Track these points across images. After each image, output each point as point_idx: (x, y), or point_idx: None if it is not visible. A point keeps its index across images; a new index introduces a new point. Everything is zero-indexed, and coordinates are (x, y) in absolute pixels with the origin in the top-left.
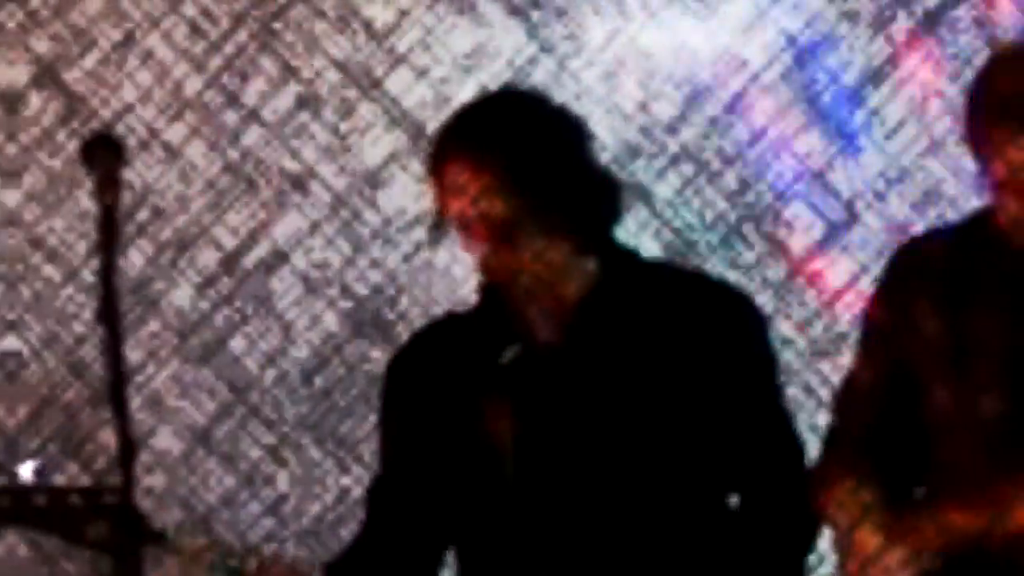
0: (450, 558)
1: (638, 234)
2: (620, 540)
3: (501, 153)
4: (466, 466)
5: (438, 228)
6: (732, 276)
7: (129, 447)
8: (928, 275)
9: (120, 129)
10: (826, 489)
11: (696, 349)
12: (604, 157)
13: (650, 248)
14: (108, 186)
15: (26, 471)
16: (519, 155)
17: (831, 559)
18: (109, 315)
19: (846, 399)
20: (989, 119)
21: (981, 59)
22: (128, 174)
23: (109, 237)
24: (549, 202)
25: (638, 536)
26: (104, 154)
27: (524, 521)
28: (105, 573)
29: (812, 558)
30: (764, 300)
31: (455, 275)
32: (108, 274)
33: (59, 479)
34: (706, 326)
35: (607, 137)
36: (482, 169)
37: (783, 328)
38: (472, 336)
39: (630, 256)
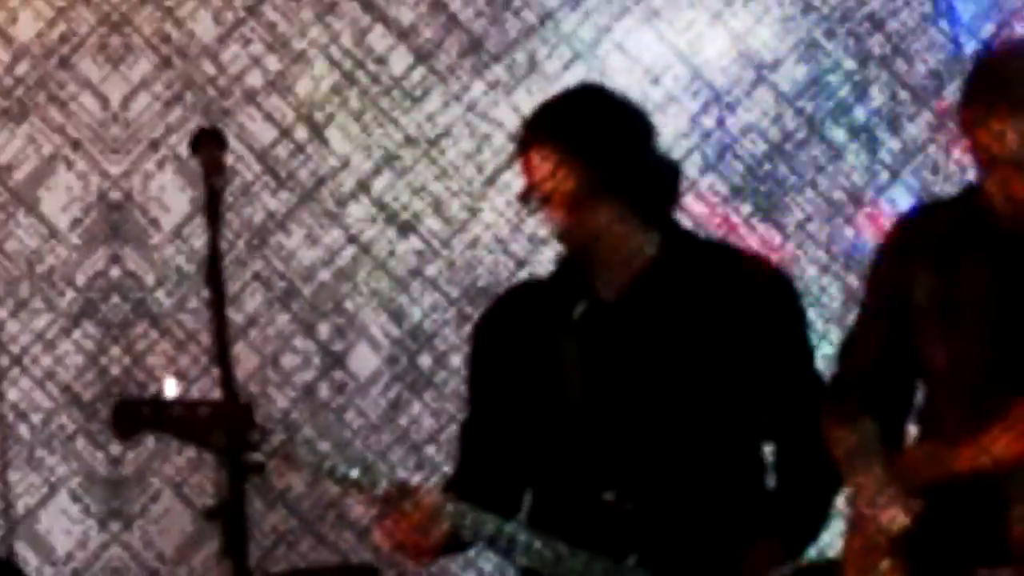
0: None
1: None
2: (665, 467)
3: (572, 138)
4: (541, 400)
5: (526, 200)
6: None
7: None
8: (923, 243)
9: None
10: (830, 431)
11: (738, 315)
12: None
13: None
14: (213, 169)
15: (170, 387)
16: (588, 139)
17: None
18: (215, 277)
19: (849, 350)
20: (967, 101)
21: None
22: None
23: (215, 212)
24: (613, 180)
25: (680, 465)
26: (210, 142)
27: (588, 444)
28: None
29: None
30: None
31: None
32: (215, 242)
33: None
34: (747, 295)
35: None
36: (556, 151)
37: None
38: (549, 295)
39: (688, 235)
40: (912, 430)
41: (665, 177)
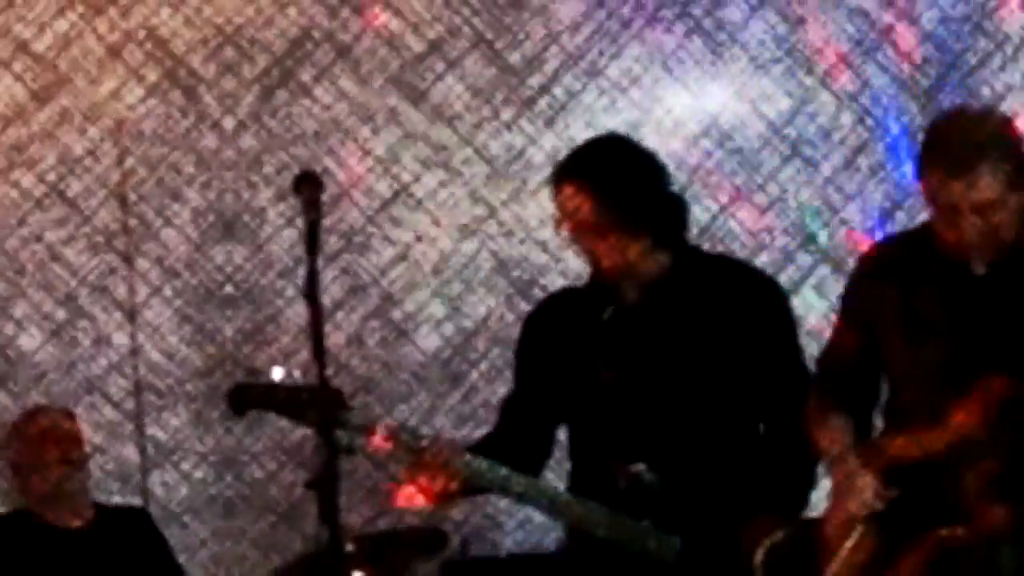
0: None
1: None
2: (678, 445)
3: (596, 179)
4: (576, 385)
5: (559, 227)
6: None
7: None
8: (889, 269)
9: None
10: (813, 423)
11: (737, 316)
12: None
13: None
14: (312, 206)
15: (276, 373)
16: (607, 181)
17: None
18: (313, 292)
19: (827, 357)
20: (925, 163)
21: None
22: None
23: (313, 241)
24: (628, 213)
25: (691, 443)
26: (309, 184)
27: (614, 425)
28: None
29: None
30: None
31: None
32: (313, 265)
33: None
34: (745, 300)
35: None
36: (581, 191)
37: None
38: (583, 301)
39: (694, 250)
40: (878, 423)
41: (676, 211)
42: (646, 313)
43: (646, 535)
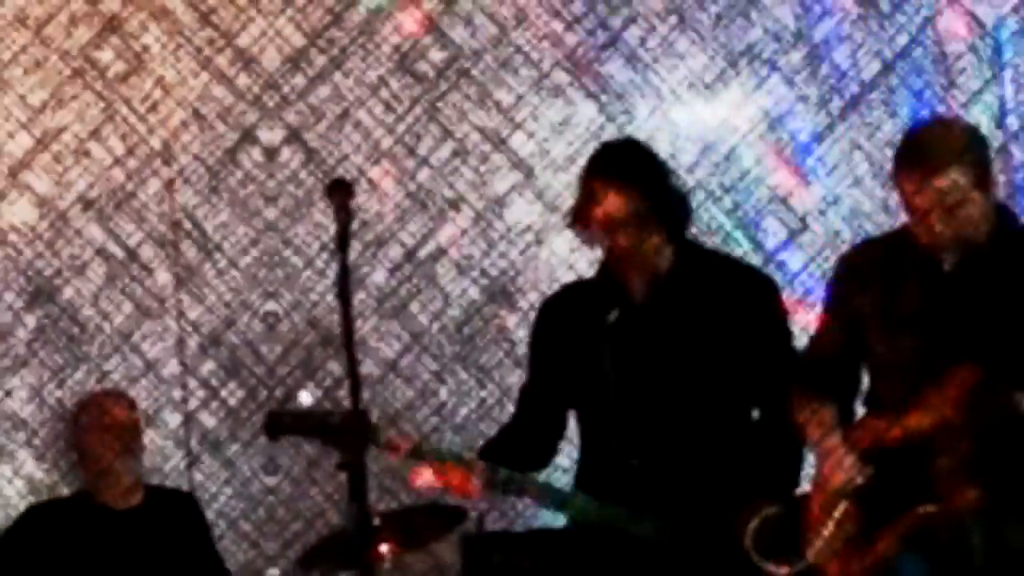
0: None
1: None
2: (682, 432)
3: (634, 177)
4: (585, 381)
5: (582, 225)
6: None
7: (357, 380)
8: (869, 267)
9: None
10: (799, 410)
11: (735, 309)
12: None
13: None
14: (342, 210)
15: (304, 397)
16: (644, 178)
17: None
18: (344, 290)
19: (812, 349)
20: (898, 165)
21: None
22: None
23: (344, 242)
24: (649, 209)
25: (693, 429)
26: (340, 190)
27: (620, 419)
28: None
29: None
30: None
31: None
32: (344, 264)
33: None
34: (742, 295)
35: None
36: (614, 187)
37: None
38: (592, 297)
39: (693, 245)
40: (859, 410)
41: (682, 206)
42: (651, 313)
43: (628, 520)
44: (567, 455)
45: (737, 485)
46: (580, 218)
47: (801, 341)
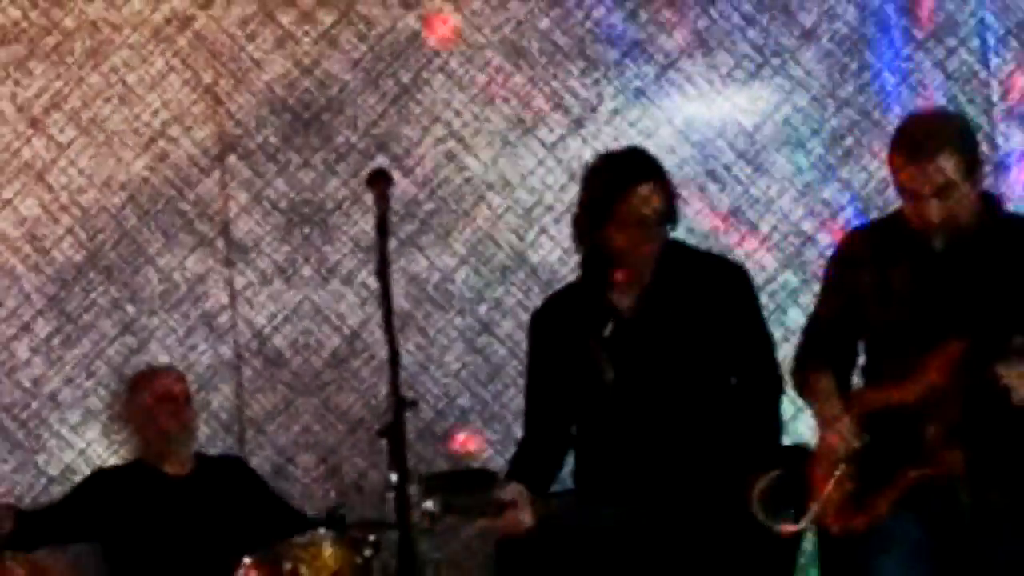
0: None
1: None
2: (673, 422)
3: (663, 178)
4: (583, 382)
5: (589, 224)
6: None
7: (397, 359)
8: (865, 249)
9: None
10: (802, 381)
11: (714, 297)
12: None
13: None
14: (382, 200)
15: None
16: (665, 180)
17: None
18: (384, 276)
19: (813, 326)
20: (892, 151)
21: None
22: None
23: (383, 226)
24: (671, 214)
25: (684, 418)
26: (379, 179)
27: (617, 417)
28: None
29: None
30: None
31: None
32: (383, 247)
33: None
34: (719, 283)
35: None
36: (658, 188)
37: None
38: (581, 302)
39: (676, 242)
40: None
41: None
42: (641, 327)
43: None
44: None
45: (726, 461)
46: (599, 219)
47: None
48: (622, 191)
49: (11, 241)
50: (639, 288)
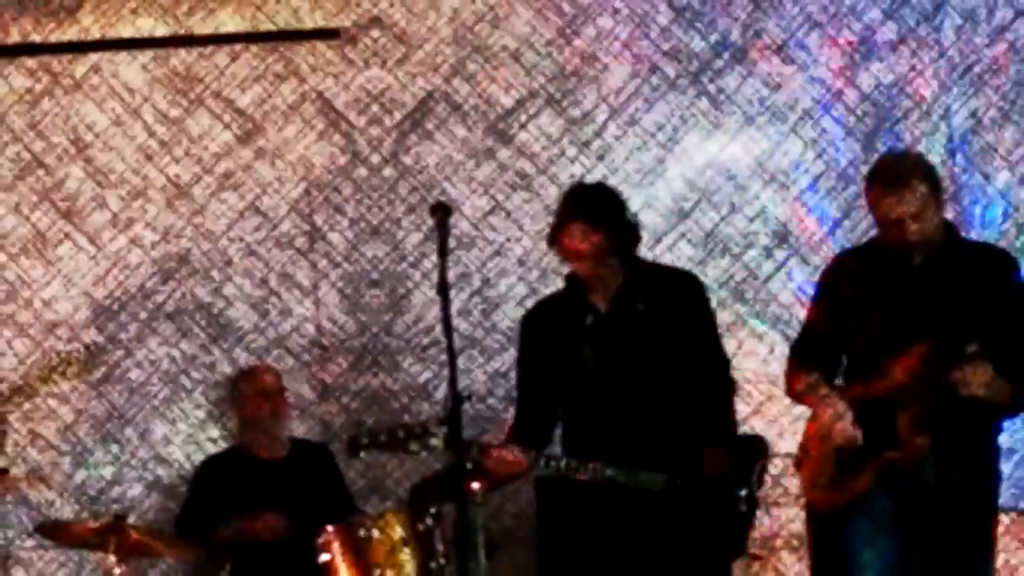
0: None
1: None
2: (645, 407)
3: (597, 216)
4: (567, 375)
5: (551, 246)
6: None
7: (454, 362)
8: (848, 268)
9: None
10: (795, 378)
11: (674, 306)
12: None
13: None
14: (442, 225)
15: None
16: (599, 221)
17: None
18: (443, 287)
19: (803, 334)
20: (870, 186)
21: None
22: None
23: (444, 250)
24: (611, 239)
25: (653, 405)
26: (442, 210)
27: (598, 399)
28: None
29: None
30: None
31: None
32: (443, 267)
33: None
34: (678, 292)
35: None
36: (580, 227)
37: None
38: (566, 305)
39: (639, 260)
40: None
41: (635, 234)
42: (616, 319)
43: (642, 475)
44: None
45: (693, 441)
46: (552, 242)
47: None
48: (559, 227)
49: None
50: (613, 291)
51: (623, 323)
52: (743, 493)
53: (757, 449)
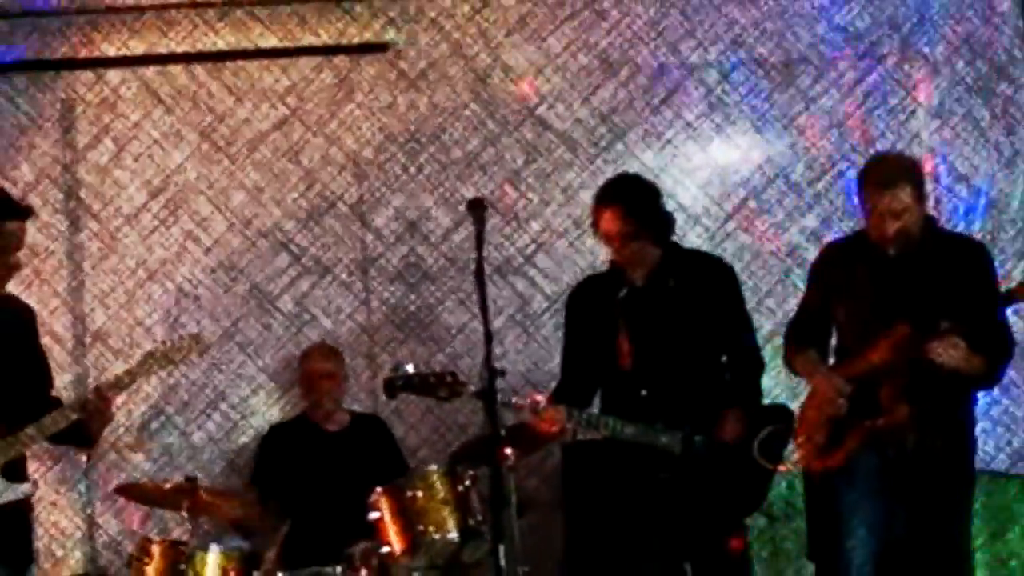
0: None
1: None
2: (676, 373)
3: (625, 202)
4: (605, 346)
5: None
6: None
7: (490, 337)
8: (838, 257)
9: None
10: (792, 356)
11: (705, 286)
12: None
13: None
14: (479, 219)
15: (409, 367)
16: (633, 203)
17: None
18: (480, 277)
19: (798, 316)
20: (861, 185)
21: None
22: None
23: (480, 240)
24: (644, 225)
25: (683, 372)
26: (479, 207)
27: (633, 363)
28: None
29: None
30: None
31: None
32: (480, 257)
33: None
34: (710, 276)
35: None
36: (617, 210)
37: None
38: (606, 283)
39: (676, 245)
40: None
41: (669, 222)
42: (649, 290)
43: (661, 433)
44: None
45: (717, 405)
46: (595, 231)
47: None
48: (594, 212)
49: None
50: (649, 269)
51: (655, 297)
52: (760, 455)
53: (782, 417)
